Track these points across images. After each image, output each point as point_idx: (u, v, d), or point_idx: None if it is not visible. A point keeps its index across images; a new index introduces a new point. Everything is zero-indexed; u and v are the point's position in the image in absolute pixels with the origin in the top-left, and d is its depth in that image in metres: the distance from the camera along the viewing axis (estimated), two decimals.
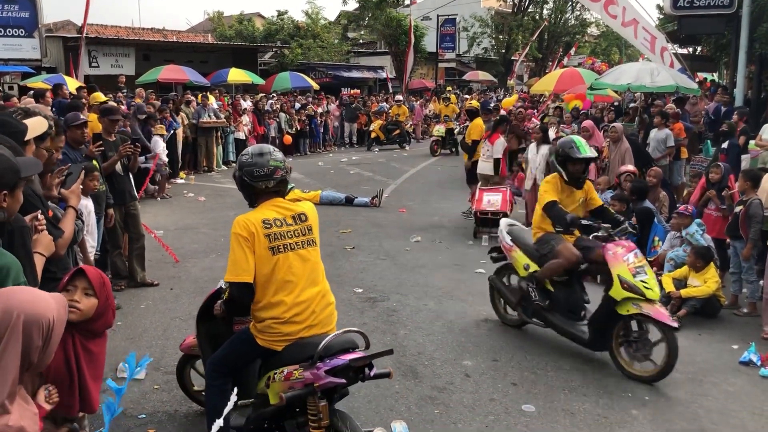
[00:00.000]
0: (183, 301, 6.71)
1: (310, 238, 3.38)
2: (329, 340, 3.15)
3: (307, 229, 3.39)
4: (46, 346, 1.99)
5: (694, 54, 24.34)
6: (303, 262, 3.32)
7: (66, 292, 2.64)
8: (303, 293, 3.29)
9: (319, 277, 3.41)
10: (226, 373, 3.46)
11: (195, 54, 26.93)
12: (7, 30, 18.73)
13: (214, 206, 11.59)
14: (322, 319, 3.35)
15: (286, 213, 3.36)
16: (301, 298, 3.28)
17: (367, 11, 34.38)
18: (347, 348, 3.22)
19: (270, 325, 3.28)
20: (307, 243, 3.36)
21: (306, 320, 3.28)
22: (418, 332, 5.97)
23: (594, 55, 46.08)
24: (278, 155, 3.41)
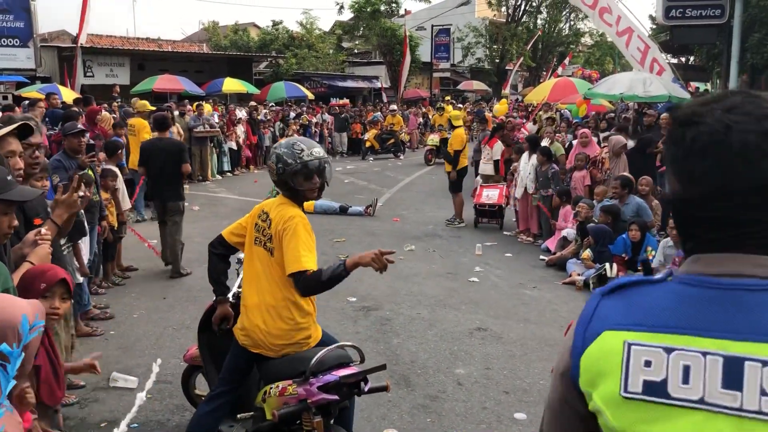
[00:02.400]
0: (176, 311, 6.71)
1: (269, 244, 3.27)
2: (322, 354, 3.11)
3: (269, 236, 3.27)
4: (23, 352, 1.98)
5: (687, 64, 24.50)
6: (260, 260, 3.31)
7: (44, 299, 2.68)
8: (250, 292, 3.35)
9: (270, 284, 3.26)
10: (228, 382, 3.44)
11: (190, 64, 26.97)
12: (2, 40, 18.73)
13: (208, 215, 11.59)
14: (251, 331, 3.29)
15: (271, 209, 3.34)
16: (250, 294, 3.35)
17: (362, 21, 34.57)
18: (341, 363, 3.18)
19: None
20: (265, 245, 3.29)
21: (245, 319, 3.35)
22: (411, 341, 5.98)
23: (588, 65, 46.40)
24: (280, 151, 3.28)
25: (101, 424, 4.41)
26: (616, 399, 1.11)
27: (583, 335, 1.18)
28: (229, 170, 17.04)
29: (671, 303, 1.12)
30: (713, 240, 1.14)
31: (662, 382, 1.07)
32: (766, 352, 1.03)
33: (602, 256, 7.85)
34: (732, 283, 1.09)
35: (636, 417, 1.09)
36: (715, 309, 1.09)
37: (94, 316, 6.35)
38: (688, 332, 1.08)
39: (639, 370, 1.09)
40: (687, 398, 1.06)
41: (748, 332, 1.05)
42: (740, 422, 1.02)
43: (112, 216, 7.24)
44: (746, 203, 1.09)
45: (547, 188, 9.83)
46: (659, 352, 1.08)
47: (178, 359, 5.40)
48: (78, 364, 3.37)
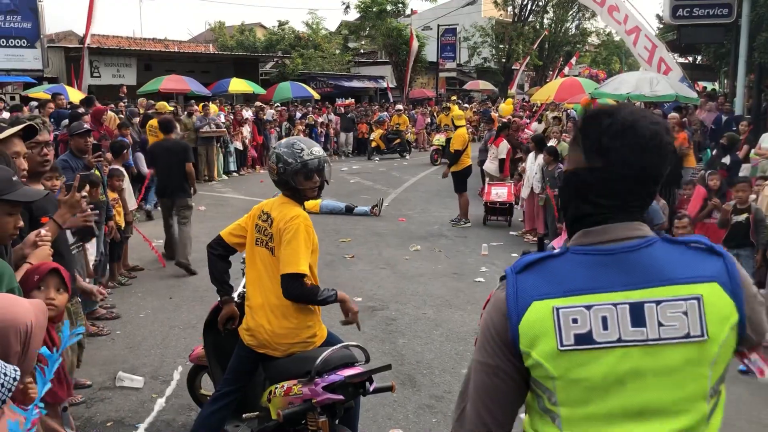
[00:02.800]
0: (182, 310, 6.72)
1: (270, 244, 3.29)
2: (327, 354, 3.11)
3: (269, 235, 3.29)
4: (25, 351, 1.98)
5: (694, 63, 24.38)
6: (262, 260, 3.32)
7: (38, 291, 2.70)
8: (254, 290, 3.36)
9: (266, 282, 3.30)
10: (232, 382, 3.44)
11: (196, 64, 27.05)
12: (9, 40, 18.82)
13: (214, 215, 11.60)
14: (255, 330, 3.31)
15: (271, 209, 3.35)
16: (255, 295, 3.35)
17: (368, 21, 34.55)
18: (346, 363, 3.18)
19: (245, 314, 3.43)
20: (266, 245, 3.31)
21: (249, 315, 3.36)
22: (416, 341, 5.97)
23: (594, 65, 46.25)
24: (281, 151, 3.31)
25: (107, 424, 4.42)
26: (554, 353, 1.41)
27: (515, 308, 1.45)
28: (236, 170, 17.07)
29: (579, 270, 1.44)
30: (602, 208, 1.47)
31: (588, 333, 1.40)
32: (656, 294, 1.38)
33: None
34: (620, 247, 1.44)
35: (571, 363, 1.40)
36: (613, 269, 1.42)
37: (100, 315, 6.37)
38: (598, 291, 1.40)
39: (569, 327, 1.40)
40: (608, 341, 1.39)
41: (641, 282, 1.40)
42: (646, 349, 1.38)
43: (119, 216, 7.25)
44: (637, 177, 1.45)
45: (553, 188, 9.79)
46: (581, 310, 1.40)
47: (183, 359, 5.42)
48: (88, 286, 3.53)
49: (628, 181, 1.46)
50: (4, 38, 18.74)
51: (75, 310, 4.19)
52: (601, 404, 1.42)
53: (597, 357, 1.40)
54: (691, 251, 1.46)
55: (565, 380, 1.42)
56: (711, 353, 1.40)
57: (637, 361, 1.39)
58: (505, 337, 1.47)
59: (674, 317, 1.39)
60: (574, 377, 1.41)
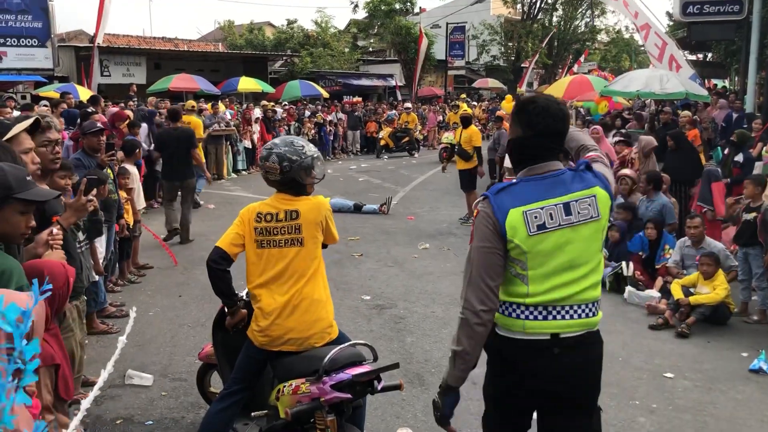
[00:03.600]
0: (191, 309, 6.74)
1: (295, 238, 3.32)
2: (335, 353, 3.11)
3: (295, 228, 3.32)
4: None
5: (705, 60, 24.25)
6: (281, 260, 3.31)
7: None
8: (274, 293, 3.31)
9: (298, 279, 3.32)
10: (241, 380, 3.44)
11: (206, 63, 27.12)
12: (21, 40, 18.93)
13: (223, 214, 11.63)
14: (293, 324, 3.29)
15: (281, 207, 3.35)
16: (271, 297, 3.31)
17: (377, 20, 34.56)
18: (354, 361, 3.18)
19: (254, 315, 3.39)
20: (290, 242, 3.32)
21: (272, 318, 3.30)
22: (425, 339, 5.96)
23: (604, 62, 46.03)
24: (281, 150, 3.32)
25: (117, 421, 4.44)
26: (526, 237, 2.37)
27: (500, 214, 2.39)
28: (245, 169, 17.11)
29: (531, 190, 2.43)
30: (537, 157, 2.49)
31: (543, 223, 2.38)
32: (575, 197, 2.41)
33: (620, 254, 7.77)
34: (550, 174, 2.46)
35: (535, 242, 2.38)
36: (551, 186, 2.43)
37: (110, 313, 6.40)
38: (545, 199, 2.40)
39: (533, 221, 2.38)
40: (553, 225, 2.38)
41: (566, 191, 2.41)
42: (573, 228, 2.39)
43: (128, 215, 7.28)
44: (553, 137, 2.49)
45: None
46: (538, 210, 2.39)
47: (193, 357, 5.44)
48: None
49: (548, 139, 2.51)
50: (15, 38, 18.86)
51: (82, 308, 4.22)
52: (551, 263, 2.41)
53: (549, 236, 2.40)
54: (582, 173, 2.50)
55: (532, 252, 2.40)
56: (603, 225, 2.48)
57: (568, 235, 2.42)
58: (496, 231, 2.41)
59: (585, 207, 2.44)
60: (537, 250, 2.40)
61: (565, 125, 2.54)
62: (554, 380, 2.45)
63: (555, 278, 2.40)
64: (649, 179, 8.18)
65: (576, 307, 2.44)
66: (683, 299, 6.48)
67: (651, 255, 7.64)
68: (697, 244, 7.01)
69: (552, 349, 2.42)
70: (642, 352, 5.80)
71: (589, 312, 2.49)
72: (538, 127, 2.46)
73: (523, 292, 2.41)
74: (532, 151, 2.51)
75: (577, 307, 2.45)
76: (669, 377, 5.27)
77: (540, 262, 2.39)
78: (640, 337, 6.19)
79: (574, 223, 2.40)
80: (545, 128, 2.46)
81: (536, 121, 2.46)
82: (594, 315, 2.52)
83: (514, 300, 2.44)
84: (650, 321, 6.57)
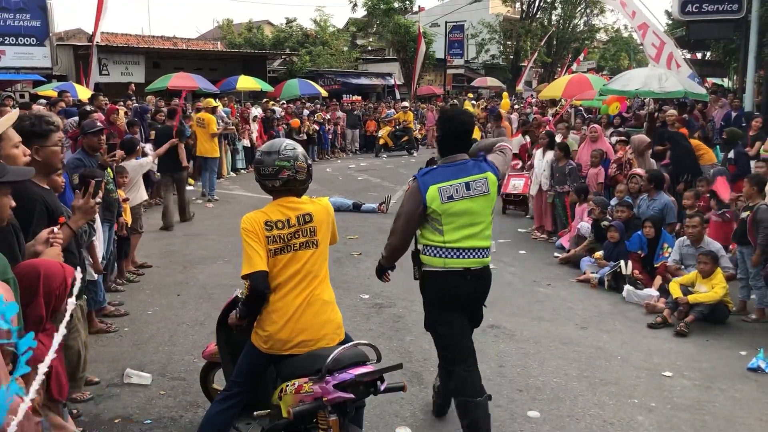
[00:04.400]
0: (190, 307, 6.74)
1: (311, 240, 3.31)
2: (339, 352, 3.09)
3: (310, 230, 3.31)
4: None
5: (704, 59, 24.25)
6: (296, 263, 3.28)
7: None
8: (287, 295, 3.26)
9: (312, 280, 3.31)
10: (242, 383, 3.42)
11: (204, 61, 27.07)
12: (19, 39, 18.91)
13: (222, 212, 11.63)
14: (305, 325, 3.26)
15: (291, 213, 3.31)
16: (284, 300, 3.26)
17: (376, 18, 34.55)
18: (357, 361, 3.16)
19: (258, 321, 3.34)
20: (306, 245, 3.30)
21: (283, 321, 3.25)
22: (424, 338, 5.94)
23: (603, 61, 46.03)
24: (289, 153, 3.30)
25: (115, 420, 4.43)
26: (440, 204, 3.72)
27: (424, 189, 3.73)
28: (243, 167, 17.09)
29: (445, 172, 3.78)
30: (451, 149, 3.88)
31: (451, 195, 3.73)
32: (473, 178, 3.76)
33: (618, 253, 7.77)
34: (459, 163, 3.82)
35: (447, 207, 3.72)
36: (458, 171, 3.78)
37: (108, 312, 6.39)
38: (453, 179, 3.75)
39: (444, 194, 3.72)
40: (458, 197, 3.73)
41: (467, 174, 3.77)
42: (471, 198, 3.75)
43: (126, 214, 7.28)
44: (459, 136, 3.90)
45: (563, 184, 9.75)
46: (448, 186, 3.73)
47: (191, 356, 5.44)
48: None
49: (455, 139, 3.87)
50: (13, 36, 18.84)
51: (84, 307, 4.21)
52: (458, 221, 3.73)
53: (455, 204, 3.71)
54: (480, 162, 3.82)
55: (445, 214, 3.71)
56: (492, 197, 3.80)
57: (469, 204, 3.72)
58: (419, 200, 3.74)
59: (479, 186, 3.73)
60: (448, 213, 3.71)
61: (467, 129, 3.94)
62: (469, 292, 3.93)
63: (461, 231, 3.78)
64: (650, 178, 8.19)
65: (477, 251, 3.85)
66: (682, 298, 6.48)
67: (649, 253, 7.65)
68: (696, 243, 7.02)
69: (466, 276, 3.85)
70: (640, 350, 5.81)
71: (484, 255, 3.89)
72: (448, 130, 3.91)
73: (441, 240, 3.80)
74: (446, 146, 3.93)
75: (478, 251, 3.85)
76: (668, 376, 5.27)
77: (451, 220, 3.77)
78: (638, 335, 6.20)
79: (472, 195, 3.77)
80: (452, 131, 3.90)
81: (447, 126, 3.92)
82: (487, 257, 3.93)
83: (436, 244, 3.83)
84: (649, 320, 6.58)
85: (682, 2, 14.79)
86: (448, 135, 3.88)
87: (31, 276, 2.68)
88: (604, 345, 5.92)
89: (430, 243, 3.82)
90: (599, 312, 6.85)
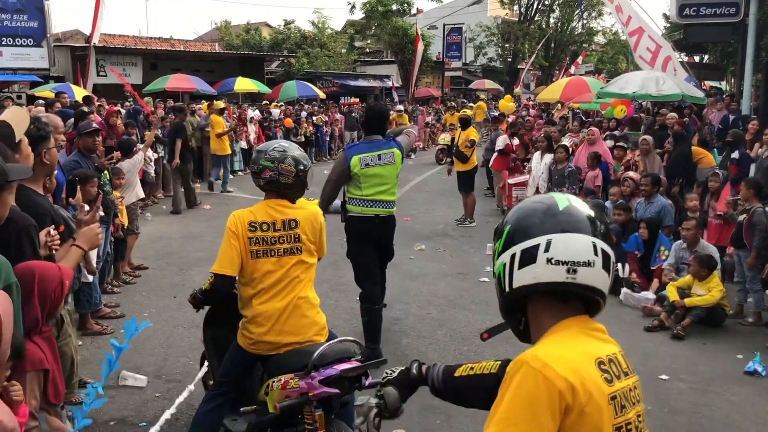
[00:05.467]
0: (186, 309, 6.67)
1: (294, 246, 3.32)
2: (324, 348, 3.11)
3: (294, 236, 3.31)
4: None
5: (701, 62, 24.29)
6: (280, 268, 3.29)
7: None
8: (272, 300, 3.29)
9: (296, 285, 3.32)
10: (228, 383, 3.44)
11: (202, 63, 27.05)
12: (16, 39, 18.87)
13: (219, 214, 11.61)
14: (291, 328, 3.29)
15: (278, 216, 3.31)
16: (268, 304, 3.28)
17: (374, 20, 34.54)
18: (342, 357, 3.18)
19: (243, 324, 3.36)
20: (290, 251, 3.31)
21: (269, 324, 3.28)
22: (420, 341, 5.96)
23: (601, 64, 46.12)
24: (275, 154, 3.30)
25: (110, 423, 4.42)
26: (360, 168, 5.31)
27: (348, 158, 5.35)
28: (241, 169, 17.06)
29: (365, 146, 5.45)
30: (370, 131, 5.57)
31: (368, 163, 5.33)
32: (384, 151, 5.39)
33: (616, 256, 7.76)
34: (375, 141, 5.45)
35: (365, 171, 5.32)
36: (374, 146, 5.41)
37: (104, 314, 6.37)
38: (370, 152, 5.37)
39: (364, 161, 5.32)
40: (374, 164, 5.34)
41: (379, 149, 5.39)
42: (382, 166, 5.36)
43: (123, 215, 7.27)
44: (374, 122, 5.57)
45: (561, 187, 9.73)
46: (366, 156, 5.34)
47: (187, 358, 5.43)
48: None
49: (376, 121, 5.55)
50: (10, 37, 18.80)
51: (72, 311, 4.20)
52: (372, 181, 5.33)
53: (371, 169, 5.31)
54: (390, 141, 5.47)
55: (363, 176, 5.30)
56: (397, 166, 5.46)
57: (380, 170, 5.35)
58: (345, 165, 5.34)
59: (388, 157, 5.37)
60: (365, 175, 5.30)
61: (383, 118, 5.62)
62: (377, 232, 5.49)
63: (374, 188, 5.33)
64: (653, 182, 8.16)
65: (385, 203, 5.41)
66: (678, 301, 6.48)
67: (646, 255, 7.64)
68: (692, 246, 7.02)
69: (375, 220, 5.40)
70: (637, 354, 5.80)
71: (390, 206, 5.45)
72: (369, 118, 5.62)
73: (360, 193, 5.34)
74: (368, 128, 5.58)
75: (385, 203, 5.42)
76: (664, 379, 5.27)
77: (367, 180, 5.30)
78: (635, 339, 6.20)
79: (382, 164, 5.33)
80: (371, 118, 5.58)
81: (368, 115, 5.68)
82: (392, 208, 5.48)
83: (357, 197, 5.36)
84: (646, 323, 6.57)
85: (680, 5, 14.80)
86: (369, 121, 5.60)
87: (27, 278, 2.67)
88: None
89: (352, 196, 5.38)
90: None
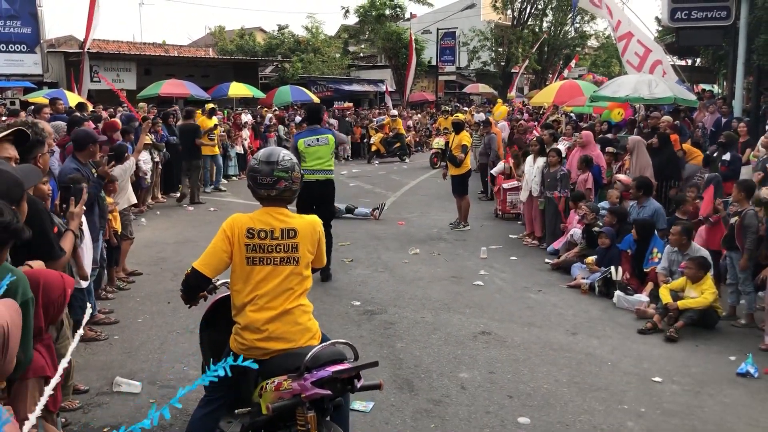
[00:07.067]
0: (180, 315, 6.70)
1: (291, 256, 3.31)
2: (317, 350, 3.14)
3: (292, 246, 3.31)
4: (5, 352, 1.95)
5: (693, 65, 24.39)
6: (275, 277, 3.29)
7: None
8: (265, 309, 3.28)
9: (290, 295, 3.32)
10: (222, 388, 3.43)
11: (196, 68, 27.08)
12: (10, 45, 18.87)
13: (212, 219, 11.60)
14: (283, 335, 3.29)
15: (277, 225, 3.32)
16: (261, 312, 3.27)
17: (368, 25, 34.61)
18: (335, 359, 3.20)
19: (236, 329, 3.37)
20: (286, 260, 3.30)
21: (262, 331, 3.27)
22: (414, 345, 5.96)
23: (594, 68, 46.21)
24: (287, 164, 3.33)
25: (104, 429, 4.41)
26: (304, 148, 7.72)
27: (296, 140, 7.88)
28: (236, 174, 17.05)
29: (307, 133, 7.91)
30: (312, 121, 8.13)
31: (309, 144, 7.73)
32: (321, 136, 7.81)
33: (610, 258, 7.79)
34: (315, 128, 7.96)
35: (308, 148, 7.73)
36: (314, 132, 7.86)
37: (98, 320, 6.36)
38: (310, 136, 7.81)
39: (306, 143, 7.73)
40: (312, 145, 7.73)
41: (318, 135, 7.83)
42: (317, 146, 7.76)
43: (116, 222, 7.26)
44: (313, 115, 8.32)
45: (553, 190, 9.76)
46: (308, 139, 7.77)
47: (182, 364, 5.43)
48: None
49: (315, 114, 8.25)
50: (4, 43, 18.80)
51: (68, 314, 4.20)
52: (313, 155, 7.73)
53: (312, 147, 7.72)
54: (327, 130, 8.18)
55: (306, 153, 7.70)
56: (330, 146, 7.86)
57: (318, 148, 7.74)
58: (293, 145, 7.79)
59: (324, 140, 7.79)
60: (308, 151, 7.71)
61: (318, 111, 8.28)
62: (315, 194, 7.62)
63: (315, 161, 7.69)
64: (639, 186, 8.21)
65: (321, 172, 7.75)
66: (671, 303, 6.51)
67: (638, 257, 7.66)
68: (683, 249, 7.04)
69: (315, 184, 7.62)
70: (630, 356, 5.82)
71: (328, 173, 7.81)
72: (309, 113, 8.46)
73: (304, 164, 7.52)
74: (309, 119, 8.17)
75: (324, 171, 7.78)
76: (657, 381, 5.29)
77: (310, 155, 7.67)
78: (628, 341, 6.22)
79: (319, 144, 7.68)
80: (310, 112, 8.45)
81: (309, 111, 8.63)
82: (330, 174, 7.83)
83: (303, 168, 7.05)
84: (639, 325, 6.59)
85: (672, 9, 14.88)
86: (309, 114, 8.34)
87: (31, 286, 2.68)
88: (594, 351, 5.93)
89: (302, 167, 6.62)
90: (589, 318, 6.87)
